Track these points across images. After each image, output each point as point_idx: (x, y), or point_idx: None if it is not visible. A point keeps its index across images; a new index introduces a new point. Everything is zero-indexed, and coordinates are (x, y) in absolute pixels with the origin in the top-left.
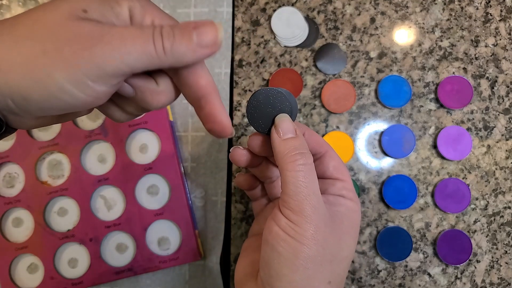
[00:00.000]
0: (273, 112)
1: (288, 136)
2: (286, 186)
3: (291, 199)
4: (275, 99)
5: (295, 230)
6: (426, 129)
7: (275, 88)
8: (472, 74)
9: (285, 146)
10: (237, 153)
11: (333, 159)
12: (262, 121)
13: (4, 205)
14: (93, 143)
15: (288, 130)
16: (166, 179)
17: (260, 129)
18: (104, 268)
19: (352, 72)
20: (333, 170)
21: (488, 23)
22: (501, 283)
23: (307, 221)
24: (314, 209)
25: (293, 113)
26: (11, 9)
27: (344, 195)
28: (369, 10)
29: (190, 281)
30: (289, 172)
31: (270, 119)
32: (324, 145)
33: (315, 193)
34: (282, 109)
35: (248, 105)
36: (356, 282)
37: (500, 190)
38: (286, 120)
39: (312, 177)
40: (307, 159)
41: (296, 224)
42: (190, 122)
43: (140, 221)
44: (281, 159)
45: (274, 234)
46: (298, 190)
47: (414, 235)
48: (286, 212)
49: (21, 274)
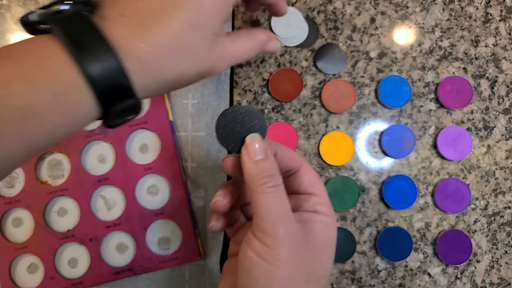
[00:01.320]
0: (242, 131)
1: (258, 158)
2: (257, 209)
3: (263, 222)
4: (243, 117)
5: (269, 254)
6: (426, 129)
7: (243, 106)
8: (472, 74)
9: (255, 169)
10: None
11: (308, 173)
12: (231, 140)
13: (4, 205)
14: (93, 143)
15: (258, 152)
16: (166, 179)
17: (230, 148)
18: (104, 268)
19: (352, 72)
20: (308, 185)
21: (488, 23)
22: (501, 283)
23: (280, 243)
24: (286, 231)
25: (263, 131)
26: (11, 9)
27: (319, 210)
28: (369, 10)
29: (190, 281)
30: (259, 195)
31: (240, 139)
32: (298, 160)
33: (287, 214)
34: (251, 127)
35: (216, 125)
36: (356, 282)
37: (500, 190)
38: (256, 141)
39: (282, 198)
40: (276, 181)
41: (269, 247)
42: (190, 122)
43: (140, 221)
44: (251, 182)
45: (248, 259)
46: (269, 212)
47: (414, 235)
48: (259, 235)
49: (21, 274)
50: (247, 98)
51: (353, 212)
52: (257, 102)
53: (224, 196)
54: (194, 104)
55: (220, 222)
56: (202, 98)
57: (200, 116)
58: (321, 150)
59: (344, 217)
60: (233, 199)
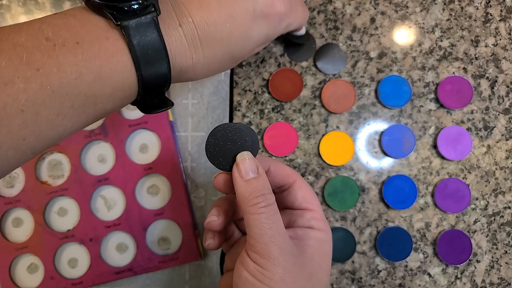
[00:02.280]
0: (233, 148)
1: (250, 177)
2: (250, 230)
3: (256, 242)
4: (234, 135)
5: (263, 275)
6: (426, 129)
7: (233, 123)
8: (472, 74)
9: (247, 188)
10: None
11: (302, 188)
12: (222, 158)
13: (4, 205)
14: (93, 143)
15: (249, 170)
16: (166, 179)
17: (221, 167)
18: (104, 268)
19: (352, 72)
20: (302, 200)
21: (488, 23)
22: (501, 283)
23: (274, 263)
24: (280, 250)
25: (254, 148)
26: (11, 9)
27: (313, 226)
28: (369, 10)
29: (190, 281)
30: (251, 216)
31: (231, 156)
32: (292, 175)
33: (280, 233)
34: (242, 144)
35: (206, 143)
36: (356, 282)
37: (500, 190)
38: (247, 159)
39: (275, 218)
40: (268, 200)
41: (264, 267)
42: (190, 122)
43: (140, 221)
44: (243, 202)
45: (243, 279)
46: (263, 232)
47: (414, 235)
48: (253, 256)
49: (21, 274)
50: (247, 98)
51: (353, 212)
52: (257, 102)
53: (218, 216)
54: (194, 104)
55: (216, 240)
56: (202, 98)
57: (200, 116)
58: (321, 150)
59: (344, 217)
60: (227, 218)
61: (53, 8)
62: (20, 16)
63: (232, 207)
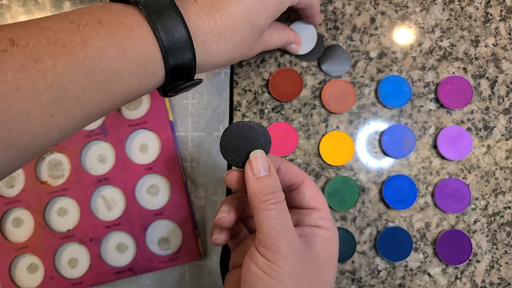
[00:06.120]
0: (246, 146)
1: (262, 174)
2: (260, 225)
3: (266, 238)
4: (248, 133)
5: (272, 268)
6: (426, 129)
7: (247, 122)
8: (472, 74)
9: (258, 186)
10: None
11: (310, 188)
12: (236, 155)
13: (4, 205)
14: (93, 143)
15: (262, 168)
16: (166, 179)
17: (234, 163)
18: (104, 268)
19: (352, 72)
20: (310, 200)
21: (488, 23)
22: (501, 283)
23: (283, 258)
24: (289, 246)
25: (267, 147)
26: (11, 9)
27: (321, 225)
28: (369, 10)
29: (190, 281)
30: (261, 211)
31: (244, 154)
32: (300, 175)
33: (289, 229)
34: (255, 143)
35: (221, 140)
36: (356, 282)
37: (500, 190)
38: (260, 157)
39: (284, 214)
40: (278, 198)
41: (273, 262)
42: (190, 122)
43: (140, 221)
44: (254, 198)
45: (252, 274)
46: (272, 227)
47: (414, 235)
48: (262, 251)
49: (21, 274)
50: (247, 98)
51: (353, 212)
52: (257, 102)
53: (228, 212)
54: (194, 104)
55: (223, 236)
56: (202, 98)
57: (200, 116)
58: (321, 150)
59: (344, 217)
60: (237, 215)
61: (53, 8)
62: (20, 16)
63: (241, 205)
